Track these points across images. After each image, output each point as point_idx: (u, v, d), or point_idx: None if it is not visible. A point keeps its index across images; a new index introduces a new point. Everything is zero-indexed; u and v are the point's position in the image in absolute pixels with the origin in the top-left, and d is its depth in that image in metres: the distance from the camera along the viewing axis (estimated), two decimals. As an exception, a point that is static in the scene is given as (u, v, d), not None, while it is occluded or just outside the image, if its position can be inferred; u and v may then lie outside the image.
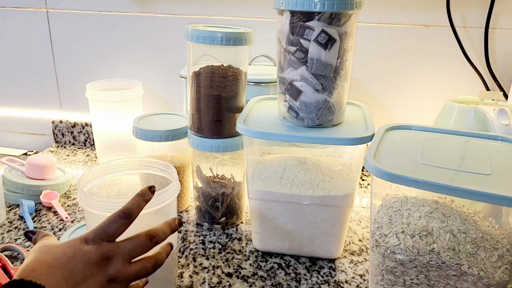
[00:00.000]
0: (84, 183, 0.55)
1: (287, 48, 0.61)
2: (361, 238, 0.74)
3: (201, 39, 0.65)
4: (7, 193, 0.82)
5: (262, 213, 0.67)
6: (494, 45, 0.88)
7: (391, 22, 0.91)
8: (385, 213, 0.53)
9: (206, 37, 0.65)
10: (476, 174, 0.48)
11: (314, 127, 0.63)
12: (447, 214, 0.51)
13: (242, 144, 0.72)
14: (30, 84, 1.13)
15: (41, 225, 0.76)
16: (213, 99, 0.69)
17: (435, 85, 0.93)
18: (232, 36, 0.65)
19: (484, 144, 0.58)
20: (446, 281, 0.48)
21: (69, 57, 1.08)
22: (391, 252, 0.50)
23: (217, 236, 0.74)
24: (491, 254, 0.47)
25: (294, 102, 0.63)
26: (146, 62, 1.05)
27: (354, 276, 0.65)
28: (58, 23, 1.05)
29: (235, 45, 0.65)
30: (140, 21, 1.01)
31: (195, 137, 0.72)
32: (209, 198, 0.75)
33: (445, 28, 0.88)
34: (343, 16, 0.58)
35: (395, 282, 0.51)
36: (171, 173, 0.57)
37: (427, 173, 0.48)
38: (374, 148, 0.54)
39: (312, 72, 0.60)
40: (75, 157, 1.07)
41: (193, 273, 0.64)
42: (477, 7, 0.86)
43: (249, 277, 0.64)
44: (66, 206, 0.83)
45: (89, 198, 0.50)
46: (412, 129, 0.62)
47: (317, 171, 0.66)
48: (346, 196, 0.63)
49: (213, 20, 0.97)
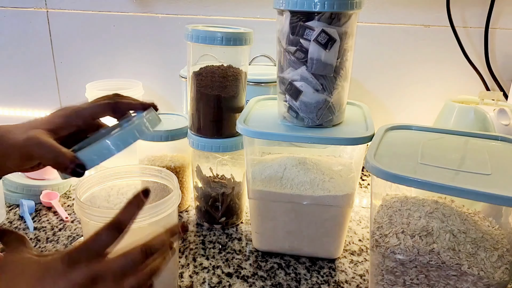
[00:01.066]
0: (82, 192, 0.53)
1: (287, 48, 0.61)
2: (361, 238, 0.74)
3: (201, 39, 0.65)
4: (7, 193, 0.82)
5: (262, 213, 0.67)
6: (494, 45, 0.88)
7: (391, 22, 0.91)
8: (385, 213, 0.53)
9: (206, 37, 0.65)
10: (476, 174, 0.48)
11: (314, 127, 0.63)
12: (447, 214, 0.51)
13: (242, 144, 0.72)
14: (30, 84, 1.13)
15: (41, 225, 0.76)
16: (213, 99, 0.69)
17: (435, 85, 0.93)
18: (232, 36, 0.65)
19: (484, 144, 0.58)
20: (446, 281, 0.48)
21: (69, 57, 1.08)
22: (391, 252, 0.50)
23: (217, 236, 0.74)
24: (491, 254, 0.47)
25: (294, 102, 0.63)
26: (146, 62, 1.05)
27: (354, 276, 0.65)
28: (58, 23, 1.05)
29: (235, 45, 0.65)
30: (140, 21, 1.01)
31: (195, 137, 0.72)
32: (209, 198, 0.75)
33: (445, 28, 0.88)
34: (343, 16, 0.58)
35: (395, 282, 0.51)
36: (172, 181, 0.56)
37: (427, 173, 0.48)
38: (374, 148, 0.54)
39: (312, 72, 0.60)
40: (75, 157, 1.07)
41: (193, 273, 0.64)
42: (477, 7, 0.86)
43: (249, 277, 0.64)
44: (66, 206, 0.83)
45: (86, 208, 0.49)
46: (412, 129, 0.62)
47: (317, 171, 0.66)
48: (346, 196, 0.63)
49: (213, 20, 0.97)
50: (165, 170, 0.58)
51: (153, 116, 0.45)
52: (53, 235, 0.73)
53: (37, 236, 0.72)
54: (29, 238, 0.72)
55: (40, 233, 0.73)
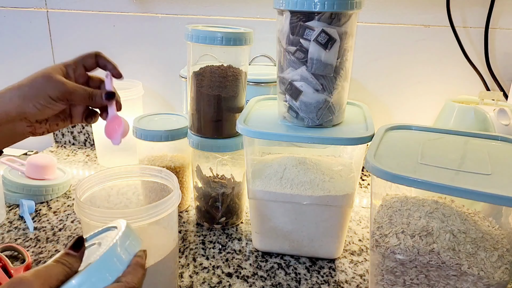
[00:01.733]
0: (82, 191, 0.53)
1: (287, 48, 0.61)
2: (361, 238, 0.74)
3: (201, 39, 0.65)
4: (7, 193, 0.82)
5: (262, 213, 0.67)
6: (494, 45, 0.88)
7: (391, 22, 0.91)
8: (385, 213, 0.53)
9: (206, 37, 0.65)
10: (476, 174, 0.48)
11: (314, 127, 0.63)
12: (447, 214, 0.51)
13: (242, 144, 0.72)
14: (30, 84, 1.13)
15: (41, 225, 0.76)
16: (213, 99, 0.69)
17: (435, 85, 0.93)
18: (232, 36, 0.65)
19: (484, 144, 0.58)
20: (446, 281, 0.48)
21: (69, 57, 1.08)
22: (391, 252, 0.50)
23: (217, 236, 0.74)
24: (491, 254, 0.47)
25: (294, 102, 0.63)
26: (146, 62, 1.05)
27: (354, 276, 0.65)
28: (58, 23, 1.05)
29: (235, 45, 0.65)
30: (140, 21, 1.01)
31: (195, 137, 0.72)
32: (209, 198, 0.75)
33: (445, 28, 0.88)
34: (343, 16, 0.58)
35: (395, 282, 0.51)
36: (172, 181, 0.56)
37: (427, 173, 0.48)
38: (374, 148, 0.54)
39: (312, 72, 0.60)
40: (75, 157, 1.07)
41: (193, 273, 0.64)
42: (477, 7, 0.86)
43: (249, 277, 0.64)
44: (66, 206, 0.83)
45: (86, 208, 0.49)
46: (412, 129, 0.62)
47: (317, 171, 0.66)
48: (346, 196, 0.63)
49: (213, 20, 0.97)
50: (165, 170, 0.58)
51: (130, 240, 0.37)
52: (53, 235, 0.73)
53: (37, 236, 0.72)
54: (29, 238, 0.72)
55: (40, 233, 0.73)
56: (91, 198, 0.56)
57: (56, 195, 0.86)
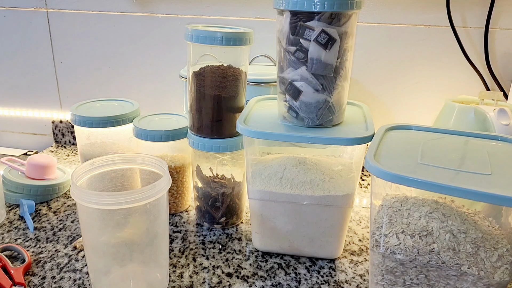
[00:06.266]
0: (77, 177, 0.55)
1: (287, 48, 0.61)
2: (361, 238, 0.74)
3: (201, 39, 0.65)
4: (7, 193, 0.82)
5: (262, 213, 0.67)
6: (494, 45, 0.88)
7: (391, 22, 0.91)
8: (385, 213, 0.53)
9: (206, 37, 0.65)
10: (476, 174, 0.48)
11: (314, 127, 0.64)
12: (447, 214, 0.51)
13: (242, 144, 0.72)
14: (30, 84, 1.13)
15: (41, 225, 0.76)
16: (213, 99, 0.69)
17: (435, 85, 0.93)
18: (232, 36, 0.65)
19: (484, 144, 0.58)
20: (446, 281, 0.48)
21: (69, 57, 1.09)
22: (391, 252, 0.50)
23: (217, 236, 0.74)
24: (491, 254, 0.47)
25: (294, 102, 0.63)
26: (146, 62, 1.05)
27: (354, 276, 0.65)
28: (58, 23, 1.06)
29: (235, 45, 0.65)
30: (140, 21, 1.01)
31: (195, 137, 0.72)
32: (209, 198, 0.75)
33: (445, 28, 0.88)
34: (343, 16, 0.58)
35: (395, 282, 0.51)
36: (163, 167, 0.58)
37: (427, 173, 0.48)
38: (374, 148, 0.54)
39: (312, 72, 0.60)
40: (75, 157, 1.07)
41: (193, 273, 0.64)
42: (477, 7, 0.86)
43: (249, 277, 0.64)
44: (66, 206, 0.83)
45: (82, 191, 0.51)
46: (412, 129, 0.62)
47: (317, 171, 0.66)
48: (346, 196, 0.63)
49: (213, 20, 0.97)
50: (156, 158, 0.60)
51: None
52: (53, 235, 0.73)
53: (37, 236, 0.72)
54: (29, 238, 0.72)
55: (40, 233, 0.73)
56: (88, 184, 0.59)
57: (56, 195, 0.86)
